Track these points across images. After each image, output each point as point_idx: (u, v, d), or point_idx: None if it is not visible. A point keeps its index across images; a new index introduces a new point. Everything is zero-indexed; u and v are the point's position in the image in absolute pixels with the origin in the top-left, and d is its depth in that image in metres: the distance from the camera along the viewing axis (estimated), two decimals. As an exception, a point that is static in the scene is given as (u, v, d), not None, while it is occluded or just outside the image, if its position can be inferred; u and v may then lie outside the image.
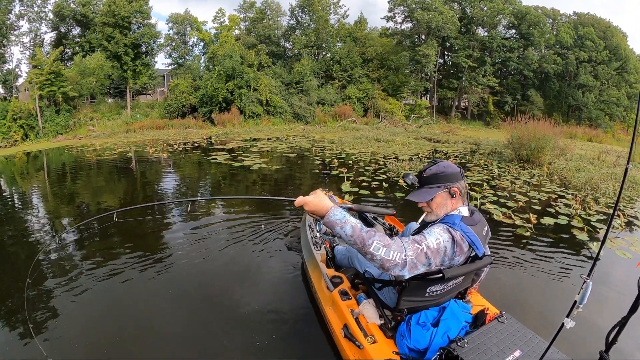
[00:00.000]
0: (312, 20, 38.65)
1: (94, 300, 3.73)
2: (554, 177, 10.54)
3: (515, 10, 40.36)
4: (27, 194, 9.24)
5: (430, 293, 2.19)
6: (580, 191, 8.94)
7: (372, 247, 1.76)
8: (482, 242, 2.07)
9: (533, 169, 11.74)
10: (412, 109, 38.70)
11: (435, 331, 2.11)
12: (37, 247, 5.28)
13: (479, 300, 2.69)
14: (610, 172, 11.57)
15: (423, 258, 1.85)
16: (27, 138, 23.87)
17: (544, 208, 7.37)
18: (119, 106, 31.87)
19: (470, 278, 2.44)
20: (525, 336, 2.07)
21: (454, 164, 2.22)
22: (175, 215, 6.60)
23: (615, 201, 1.48)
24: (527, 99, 41.71)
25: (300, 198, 2.01)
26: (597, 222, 6.53)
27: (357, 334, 2.34)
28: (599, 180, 9.90)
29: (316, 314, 3.32)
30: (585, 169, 11.88)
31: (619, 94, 41.85)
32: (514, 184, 9.50)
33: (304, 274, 3.94)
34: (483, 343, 1.99)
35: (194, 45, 40.94)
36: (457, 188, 2.16)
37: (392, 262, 1.76)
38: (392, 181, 9.41)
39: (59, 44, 31.01)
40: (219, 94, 29.36)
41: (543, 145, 12.72)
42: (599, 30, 41.42)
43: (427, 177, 2.23)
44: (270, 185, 9.66)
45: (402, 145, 17.25)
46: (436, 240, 1.92)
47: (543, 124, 13.91)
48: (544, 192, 8.74)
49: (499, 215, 6.67)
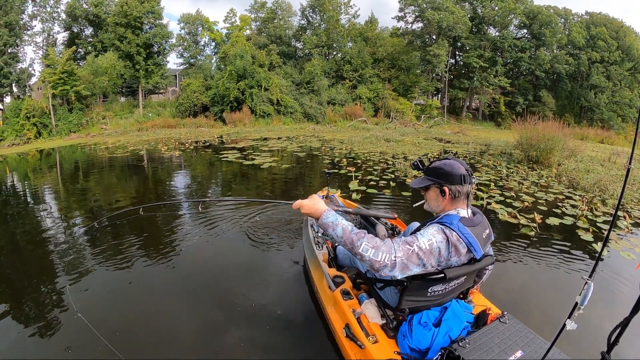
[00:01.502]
0: (322, 20, 38.73)
1: (113, 282, 4.00)
2: (563, 178, 10.36)
3: (527, 9, 40.17)
4: (53, 189, 9.37)
5: (431, 293, 2.20)
6: (588, 192, 8.76)
7: (360, 248, 1.84)
8: (481, 244, 2.05)
9: (542, 170, 11.56)
10: (423, 109, 38.54)
11: (437, 331, 2.12)
12: (77, 231, 5.68)
13: (480, 300, 2.70)
14: (621, 174, 11.36)
15: (415, 259, 1.87)
16: (40, 136, 24.01)
17: (551, 209, 7.24)
18: (131, 105, 32.07)
19: (472, 278, 2.44)
20: (527, 337, 2.08)
21: (461, 167, 2.16)
22: (187, 214, 6.73)
23: (616, 203, 1.40)
24: (538, 100, 41.39)
25: (298, 201, 2.16)
26: (602, 223, 6.41)
27: (359, 334, 2.35)
28: (607, 182, 9.67)
29: (318, 314, 3.32)
30: (594, 170, 11.67)
31: (631, 95, 41.43)
32: (522, 184, 9.35)
33: (306, 274, 3.95)
34: (485, 343, 1.99)
35: (206, 45, 41.14)
36: (447, 188, 2.13)
37: (380, 263, 1.81)
38: (399, 180, 9.37)
39: (72, 43, 31.34)
40: (230, 94, 29.47)
41: (552, 147, 12.56)
42: (612, 30, 41.07)
43: (429, 169, 2.26)
44: (279, 183, 9.60)
45: (412, 146, 17.15)
46: (428, 241, 1.93)
47: (552, 124, 13.76)
48: (552, 193, 8.58)
49: (504, 215, 6.61)
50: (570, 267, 4.62)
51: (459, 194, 2.14)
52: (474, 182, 2.19)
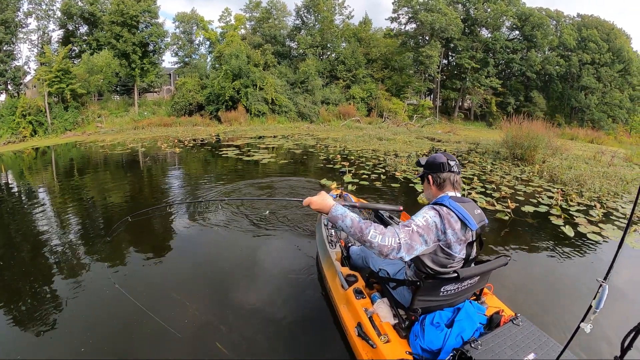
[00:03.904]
0: (317, 21, 39.04)
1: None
2: (544, 173, 10.91)
3: (519, 11, 40.66)
4: (46, 187, 9.67)
5: (444, 293, 2.23)
6: (567, 186, 9.37)
7: (369, 235, 1.95)
8: (473, 218, 2.16)
9: (525, 167, 12.12)
10: (415, 109, 38.99)
11: (449, 332, 2.13)
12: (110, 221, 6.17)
13: (494, 301, 2.67)
14: (603, 170, 11.87)
15: (417, 237, 2.00)
16: (36, 134, 24.05)
17: (528, 199, 7.87)
18: (126, 103, 32.14)
19: (486, 279, 2.46)
20: (540, 339, 2.07)
21: (443, 157, 2.38)
22: (200, 212, 6.80)
23: (631, 210, 1.42)
24: (529, 100, 41.94)
25: (308, 199, 2.29)
26: (576, 212, 7.02)
27: (371, 333, 2.36)
28: (587, 177, 10.24)
29: (330, 312, 3.35)
30: (577, 167, 12.20)
31: (621, 96, 42.09)
32: (504, 178, 9.97)
33: (319, 272, 4.00)
34: (497, 345, 1.99)
35: (200, 44, 41.32)
36: (430, 177, 2.37)
37: (389, 247, 1.92)
38: (389, 174, 10.05)
39: (67, 41, 31.21)
40: (225, 93, 29.74)
41: (536, 145, 13.12)
42: (603, 32, 41.66)
43: (424, 164, 2.49)
44: (283, 173, 10.25)
45: (403, 144, 17.70)
46: (423, 218, 2.08)
47: (537, 124, 14.42)
48: (531, 186, 9.21)
49: (483, 203, 7.20)
50: (584, 267, 4.77)
51: (441, 181, 2.34)
52: (457, 171, 2.37)
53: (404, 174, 10.11)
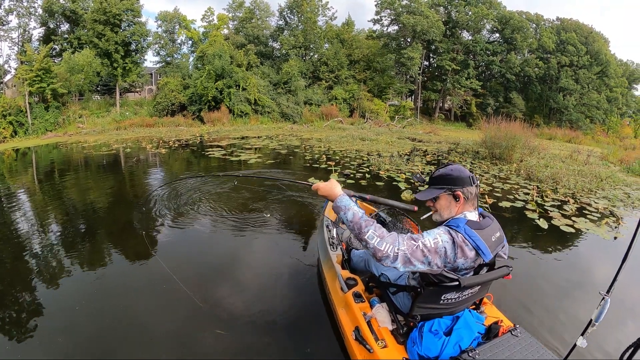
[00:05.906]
0: (300, 22, 39.24)
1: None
2: (521, 172, 11.56)
3: (499, 15, 41.50)
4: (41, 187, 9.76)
5: (444, 300, 2.18)
6: (543, 183, 10.04)
7: (367, 235, 1.92)
8: (489, 247, 2.03)
9: (503, 165, 12.72)
10: (397, 110, 39.60)
11: (447, 340, 2.10)
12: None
13: (493, 311, 2.63)
14: (579, 169, 12.62)
15: (419, 255, 1.89)
16: (17, 135, 23.90)
17: (505, 195, 8.48)
18: (107, 104, 32.06)
19: (487, 288, 2.42)
20: (538, 351, 2.03)
21: (466, 169, 2.21)
22: (200, 212, 6.78)
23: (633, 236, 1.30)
24: (509, 102, 42.94)
25: (317, 184, 2.34)
26: (550, 207, 7.68)
27: (368, 338, 2.35)
28: (562, 175, 10.92)
29: (328, 315, 3.36)
30: (553, 165, 12.84)
31: (599, 98, 43.26)
32: (482, 176, 10.55)
33: (319, 274, 4.00)
34: (494, 355, 1.96)
35: (182, 43, 41.20)
36: (460, 192, 2.14)
37: (383, 253, 1.87)
38: (374, 173, 10.66)
39: (48, 40, 30.94)
40: (208, 93, 29.92)
41: (514, 144, 13.82)
42: (581, 35, 42.76)
43: (434, 178, 2.27)
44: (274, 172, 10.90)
45: (385, 144, 18.26)
46: (434, 239, 1.95)
47: (515, 125, 15.08)
48: (508, 183, 9.84)
49: None
50: (586, 278, 4.72)
51: (471, 196, 2.16)
52: (478, 183, 2.21)
53: (388, 173, 10.64)
